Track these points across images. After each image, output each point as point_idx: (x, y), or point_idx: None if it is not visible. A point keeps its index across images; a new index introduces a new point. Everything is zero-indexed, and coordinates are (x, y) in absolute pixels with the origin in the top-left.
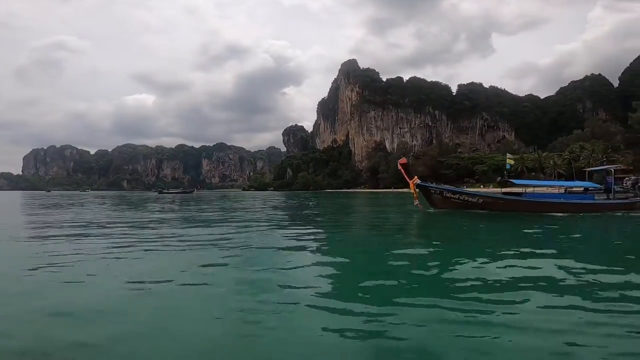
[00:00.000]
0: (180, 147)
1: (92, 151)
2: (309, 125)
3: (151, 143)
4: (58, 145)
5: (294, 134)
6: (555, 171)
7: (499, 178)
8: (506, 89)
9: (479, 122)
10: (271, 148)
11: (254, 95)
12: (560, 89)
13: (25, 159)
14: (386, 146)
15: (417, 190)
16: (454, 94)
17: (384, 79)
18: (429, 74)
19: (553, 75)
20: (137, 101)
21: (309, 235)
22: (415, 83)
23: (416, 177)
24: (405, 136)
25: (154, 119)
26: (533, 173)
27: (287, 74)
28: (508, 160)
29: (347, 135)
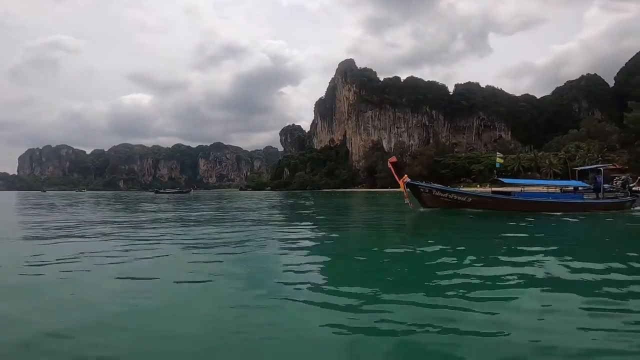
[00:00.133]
0: (177, 147)
1: (88, 151)
2: (306, 125)
3: (148, 143)
4: (54, 145)
5: (291, 133)
6: (551, 170)
7: (491, 177)
8: (503, 89)
9: (475, 122)
10: (268, 148)
11: (252, 95)
12: (557, 88)
13: (20, 159)
14: (383, 146)
15: (408, 190)
16: (451, 93)
17: (381, 79)
18: (426, 73)
19: (549, 75)
20: (134, 101)
21: (304, 233)
22: (413, 83)
23: (406, 176)
24: (402, 136)
25: (150, 118)
26: (529, 172)
27: (285, 73)
28: (497, 159)
29: (345, 135)
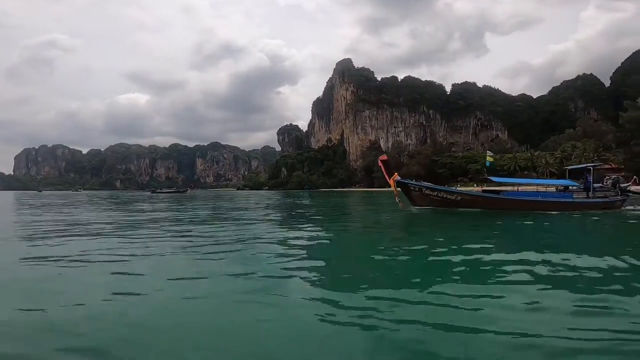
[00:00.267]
0: (174, 147)
1: (85, 151)
2: (303, 125)
3: (145, 142)
4: (50, 145)
5: (288, 133)
6: (548, 170)
7: (481, 176)
8: (499, 89)
9: (472, 122)
10: (266, 147)
11: (249, 95)
12: (553, 88)
13: (16, 158)
14: (381, 145)
15: (399, 190)
16: (448, 93)
17: (379, 78)
18: (423, 73)
19: (546, 75)
20: (131, 100)
21: (300, 232)
22: (410, 82)
23: (396, 174)
24: (399, 135)
25: (147, 118)
26: (526, 172)
27: (282, 73)
28: (488, 158)
29: (342, 135)
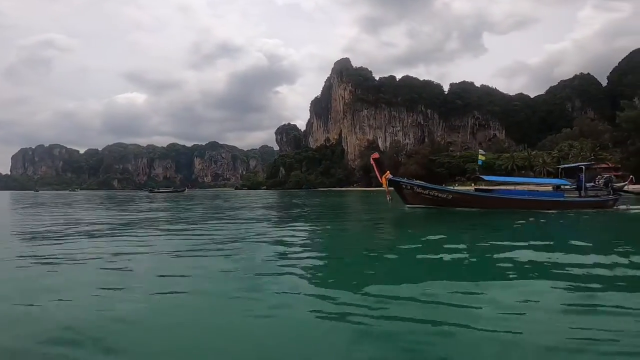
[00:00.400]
0: (172, 146)
1: (82, 150)
2: (302, 124)
3: (142, 142)
4: (47, 145)
5: (287, 132)
6: (545, 169)
7: (473, 175)
8: (497, 88)
9: (470, 121)
10: (264, 147)
11: (247, 94)
12: (550, 88)
13: (13, 158)
14: (379, 145)
15: (391, 189)
16: (446, 92)
17: (377, 78)
18: (421, 72)
19: (543, 75)
20: (128, 100)
21: (297, 231)
22: (408, 82)
23: (388, 172)
24: (397, 135)
25: (145, 117)
26: (523, 171)
27: (280, 72)
28: (480, 157)
29: (340, 134)
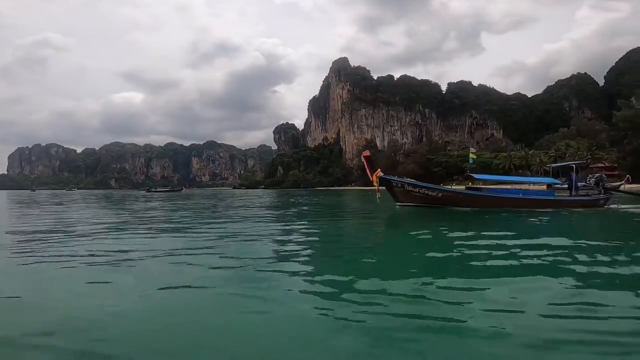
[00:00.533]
0: (170, 146)
1: (79, 150)
2: (300, 123)
3: (140, 141)
4: (43, 144)
5: (285, 132)
6: (542, 169)
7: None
8: (495, 88)
9: (468, 120)
10: (262, 146)
11: (245, 93)
12: (547, 87)
13: (10, 157)
14: (377, 144)
15: (382, 187)
16: (444, 92)
17: (375, 77)
18: (419, 72)
19: (540, 74)
20: (125, 99)
21: (295, 231)
22: (406, 81)
23: (379, 170)
24: (395, 134)
25: (142, 117)
26: (520, 170)
27: (279, 71)
28: (470, 155)
29: (338, 133)
